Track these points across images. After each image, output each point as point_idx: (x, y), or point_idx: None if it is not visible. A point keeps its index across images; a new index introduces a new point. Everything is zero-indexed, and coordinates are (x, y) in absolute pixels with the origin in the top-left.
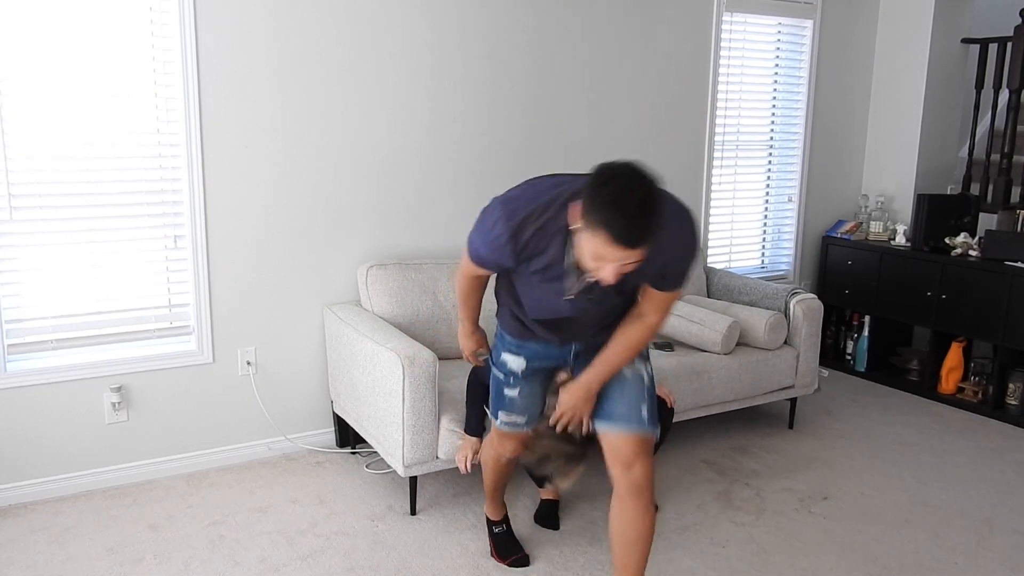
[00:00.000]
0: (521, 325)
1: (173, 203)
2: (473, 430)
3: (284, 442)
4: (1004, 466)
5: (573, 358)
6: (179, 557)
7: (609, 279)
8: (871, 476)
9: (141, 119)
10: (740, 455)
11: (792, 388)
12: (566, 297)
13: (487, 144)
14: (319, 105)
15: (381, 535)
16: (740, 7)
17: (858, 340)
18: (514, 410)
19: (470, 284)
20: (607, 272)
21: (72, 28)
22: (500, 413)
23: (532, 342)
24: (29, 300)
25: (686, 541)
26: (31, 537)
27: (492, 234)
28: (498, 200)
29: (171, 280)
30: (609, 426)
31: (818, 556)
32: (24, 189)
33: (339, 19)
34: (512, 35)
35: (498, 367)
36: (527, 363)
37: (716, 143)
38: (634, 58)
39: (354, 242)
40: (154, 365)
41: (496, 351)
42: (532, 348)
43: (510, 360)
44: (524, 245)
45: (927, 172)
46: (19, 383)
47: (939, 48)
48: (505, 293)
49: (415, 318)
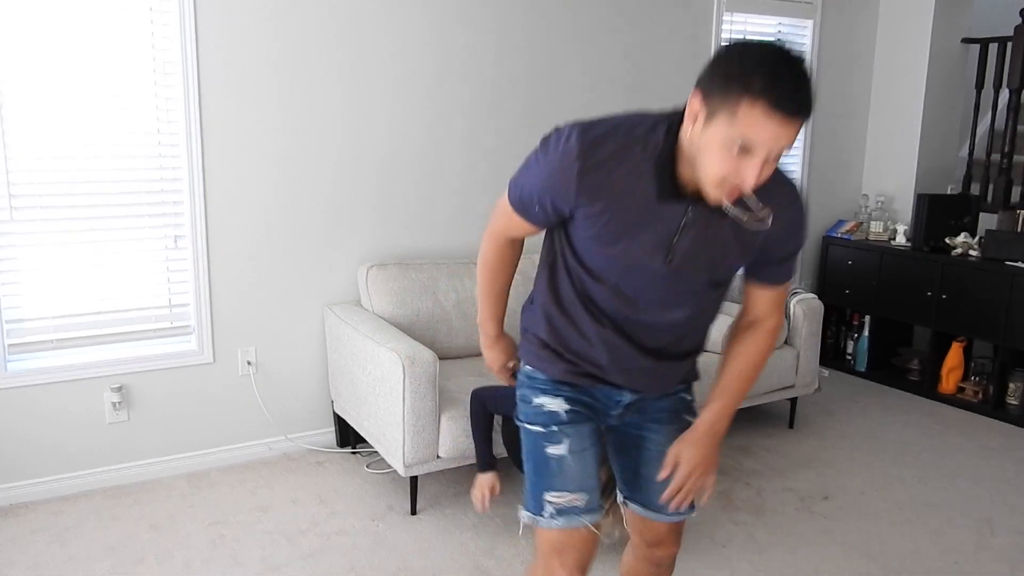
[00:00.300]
0: (556, 352)
1: (173, 203)
2: (485, 464)
3: (284, 442)
4: (1004, 466)
5: (623, 410)
6: (180, 557)
7: (750, 182)
8: (871, 476)
9: (141, 119)
10: (740, 455)
11: (792, 388)
12: (656, 265)
13: (487, 144)
14: (319, 105)
15: (381, 535)
16: (740, 7)
17: (858, 340)
18: (568, 485)
19: (499, 256)
20: (749, 173)
21: (72, 28)
22: (548, 497)
23: (568, 384)
24: (29, 300)
25: (686, 541)
26: (32, 537)
27: (556, 151)
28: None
29: (171, 280)
30: (646, 512)
31: (818, 556)
32: (24, 189)
33: (339, 19)
34: (512, 35)
35: (530, 418)
36: (569, 404)
37: None
38: (634, 58)
39: (354, 242)
40: (154, 365)
41: (524, 401)
42: (569, 392)
43: (546, 402)
44: (597, 166)
45: (927, 172)
46: (19, 383)
47: (939, 48)
48: (546, 283)
49: (415, 318)
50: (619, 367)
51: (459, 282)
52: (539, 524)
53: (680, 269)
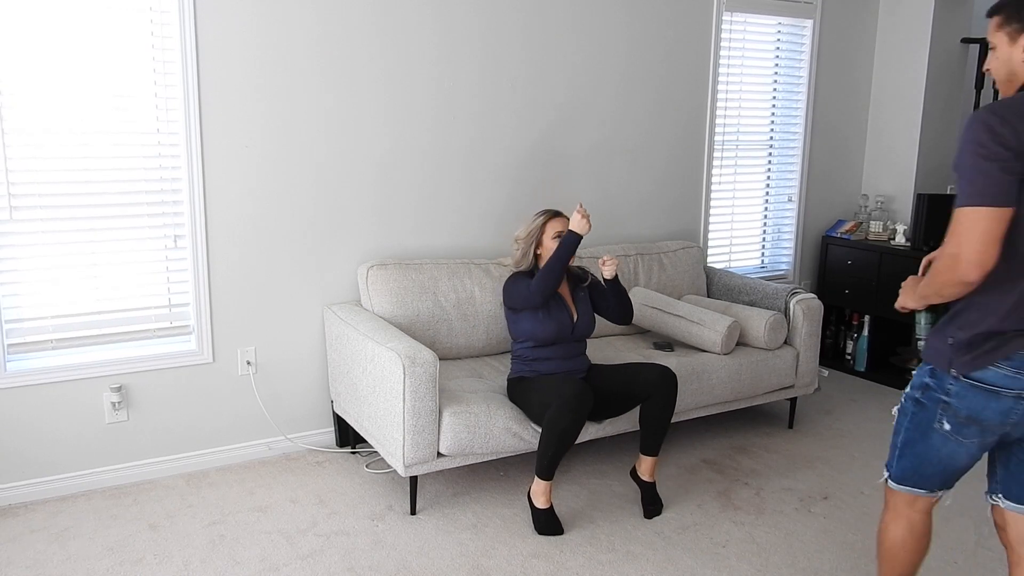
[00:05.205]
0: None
1: (173, 203)
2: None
3: (284, 442)
4: None
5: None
6: (179, 557)
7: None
8: (871, 476)
9: (141, 119)
10: (740, 455)
11: (792, 388)
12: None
13: (487, 144)
14: (319, 105)
15: (381, 535)
16: (740, 7)
17: (858, 340)
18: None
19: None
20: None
21: (72, 28)
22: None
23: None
24: (29, 300)
25: (686, 541)
26: (31, 537)
27: (988, 130)
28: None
29: (171, 280)
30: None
31: (818, 556)
32: (24, 189)
33: (340, 19)
34: (512, 34)
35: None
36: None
37: (716, 143)
38: (635, 58)
39: (354, 242)
40: (154, 365)
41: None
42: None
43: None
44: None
45: (927, 172)
46: (19, 383)
47: (939, 48)
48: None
49: (415, 318)
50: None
51: (459, 282)
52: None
53: None
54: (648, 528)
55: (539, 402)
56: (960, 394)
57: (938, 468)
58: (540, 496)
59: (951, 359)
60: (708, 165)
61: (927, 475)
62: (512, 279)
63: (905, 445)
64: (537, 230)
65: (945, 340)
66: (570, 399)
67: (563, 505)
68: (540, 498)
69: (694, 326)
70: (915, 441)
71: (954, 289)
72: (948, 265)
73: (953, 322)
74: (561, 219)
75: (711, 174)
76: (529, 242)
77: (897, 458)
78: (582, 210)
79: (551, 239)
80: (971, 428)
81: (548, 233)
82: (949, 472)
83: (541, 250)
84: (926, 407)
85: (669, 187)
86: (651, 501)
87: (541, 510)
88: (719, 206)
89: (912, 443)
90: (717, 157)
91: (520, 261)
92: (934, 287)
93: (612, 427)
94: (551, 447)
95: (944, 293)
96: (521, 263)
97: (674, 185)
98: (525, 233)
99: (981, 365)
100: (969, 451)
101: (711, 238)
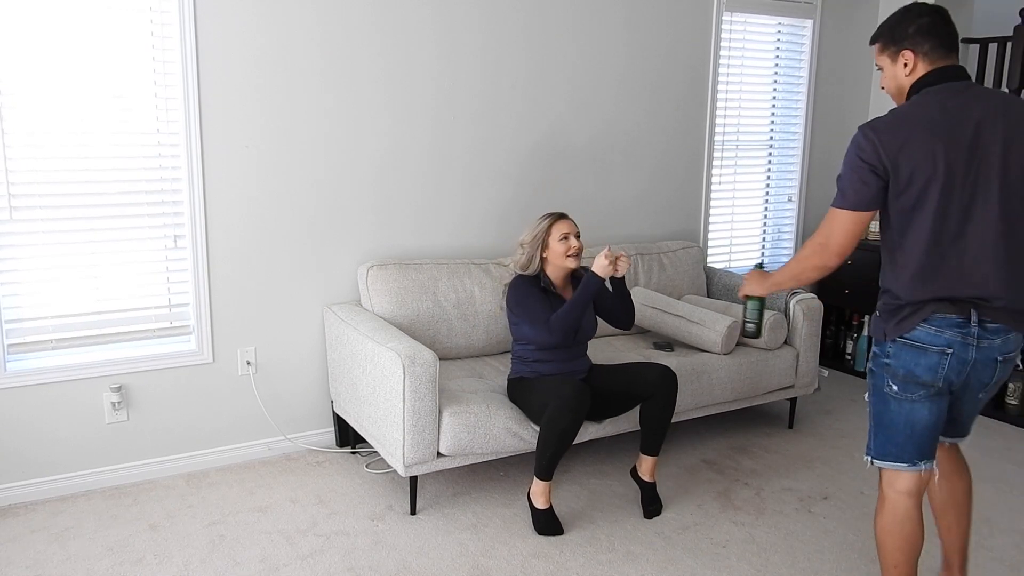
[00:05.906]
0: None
1: (173, 203)
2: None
3: (284, 442)
4: (1004, 466)
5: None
6: (179, 557)
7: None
8: (871, 476)
9: (141, 119)
10: (740, 455)
11: (792, 388)
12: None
13: (487, 144)
14: (320, 105)
15: (381, 535)
16: (740, 7)
17: (858, 340)
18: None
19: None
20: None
21: (72, 28)
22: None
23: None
24: (29, 300)
25: (686, 541)
26: (31, 537)
27: (857, 146)
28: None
29: (171, 280)
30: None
31: (818, 556)
32: (24, 189)
33: (340, 19)
34: (513, 35)
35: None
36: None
37: (716, 143)
38: (635, 58)
39: (354, 242)
40: (154, 365)
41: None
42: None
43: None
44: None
45: None
46: (19, 383)
47: None
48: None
49: (415, 318)
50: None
51: (459, 282)
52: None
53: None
54: (648, 528)
55: (538, 402)
56: (896, 354)
57: (906, 432)
58: (540, 496)
59: (883, 328)
60: (708, 165)
61: (899, 443)
62: (518, 286)
63: (875, 420)
64: (543, 233)
65: (876, 316)
66: (569, 399)
67: (563, 505)
68: (540, 498)
69: (694, 326)
70: (880, 412)
71: (815, 273)
72: (816, 251)
73: (879, 300)
74: (566, 221)
75: (711, 174)
76: (535, 246)
77: (873, 436)
78: (610, 254)
79: (557, 241)
80: (912, 385)
81: (554, 235)
82: (918, 436)
83: (547, 253)
84: (876, 375)
85: (669, 187)
86: (651, 501)
87: (541, 510)
88: (719, 206)
89: (879, 415)
90: (717, 157)
91: (526, 265)
92: (795, 271)
93: (612, 427)
94: (550, 447)
95: (803, 278)
96: (527, 268)
97: (674, 185)
98: (530, 237)
99: (908, 328)
100: (923, 410)
101: (711, 238)
